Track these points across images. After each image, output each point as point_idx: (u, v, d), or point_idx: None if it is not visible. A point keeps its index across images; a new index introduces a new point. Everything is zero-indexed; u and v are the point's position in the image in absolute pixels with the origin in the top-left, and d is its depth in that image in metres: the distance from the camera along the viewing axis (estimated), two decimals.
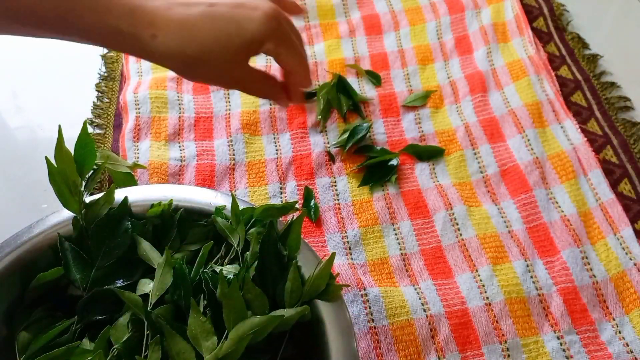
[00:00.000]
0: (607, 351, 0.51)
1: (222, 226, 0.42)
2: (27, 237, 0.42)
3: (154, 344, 0.36)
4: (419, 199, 0.61)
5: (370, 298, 0.52)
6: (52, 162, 0.39)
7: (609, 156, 0.64)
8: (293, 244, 0.41)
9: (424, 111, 0.70)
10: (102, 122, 0.69)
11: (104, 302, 0.40)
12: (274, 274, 0.39)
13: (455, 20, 0.78)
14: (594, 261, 0.56)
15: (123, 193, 0.44)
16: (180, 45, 0.41)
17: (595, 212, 0.60)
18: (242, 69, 0.45)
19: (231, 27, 0.42)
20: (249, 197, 0.62)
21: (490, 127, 0.67)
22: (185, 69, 0.43)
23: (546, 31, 0.77)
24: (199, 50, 0.41)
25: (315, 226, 0.59)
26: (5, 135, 0.70)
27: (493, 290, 0.54)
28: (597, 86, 0.71)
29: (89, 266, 0.40)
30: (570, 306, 0.53)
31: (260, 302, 0.37)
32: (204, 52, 0.42)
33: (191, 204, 0.45)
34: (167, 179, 0.62)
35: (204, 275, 0.38)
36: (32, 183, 0.64)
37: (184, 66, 0.43)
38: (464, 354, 0.50)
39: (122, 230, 0.41)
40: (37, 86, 0.74)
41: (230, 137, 0.66)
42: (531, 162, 0.63)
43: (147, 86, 0.70)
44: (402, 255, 0.57)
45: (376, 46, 0.77)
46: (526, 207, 0.60)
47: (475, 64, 0.73)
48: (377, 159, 0.64)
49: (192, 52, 0.41)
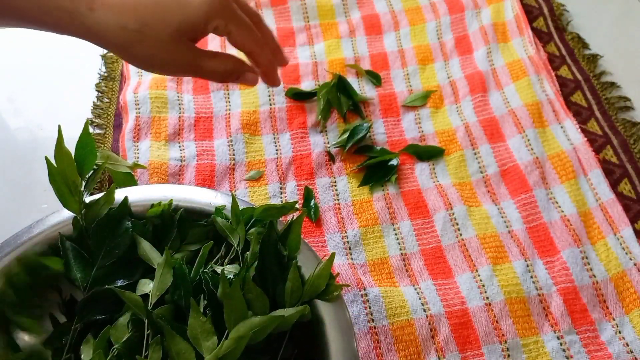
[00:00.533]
0: (607, 351, 0.51)
1: (222, 226, 0.42)
2: (27, 237, 0.42)
3: (154, 344, 0.36)
4: (419, 199, 0.61)
5: (370, 298, 0.52)
6: (52, 162, 0.39)
7: (609, 156, 0.64)
8: (293, 244, 0.41)
9: (424, 111, 0.70)
10: (102, 122, 0.69)
11: (104, 302, 0.40)
12: (274, 274, 0.39)
13: (455, 20, 0.78)
14: (594, 261, 0.56)
15: (123, 193, 0.44)
16: (119, 21, 0.40)
17: (595, 212, 0.60)
18: (187, 50, 0.42)
19: (173, 3, 0.41)
20: (249, 197, 0.62)
21: (490, 127, 0.67)
22: (125, 46, 0.41)
23: (546, 31, 0.77)
24: (139, 25, 0.40)
25: (315, 226, 0.59)
26: (5, 136, 0.70)
27: (493, 290, 0.54)
28: (597, 86, 0.71)
29: (89, 266, 0.41)
30: (570, 306, 0.53)
31: (261, 302, 0.37)
32: (143, 27, 0.40)
33: (191, 204, 0.45)
34: (167, 179, 0.62)
35: (204, 276, 0.38)
36: (32, 183, 0.64)
37: (124, 43, 0.40)
38: (464, 354, 0.50)
39: (122, 230, 0.41)
40: (37, 86, 0.74)
41: (230, 137, 0.66)
42: (531, 162, 0.63)
43: (147, 86, 0.70)
44: (402, 255, 0.57)
45: (376, 46, 0.77)
46: (526, 207, 0.60)
47: (475, 64, 0.73)
48: (377, 159, 0.64)
49: (132, 27, 0.40)
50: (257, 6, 0.80)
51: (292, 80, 0.72)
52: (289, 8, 0.80)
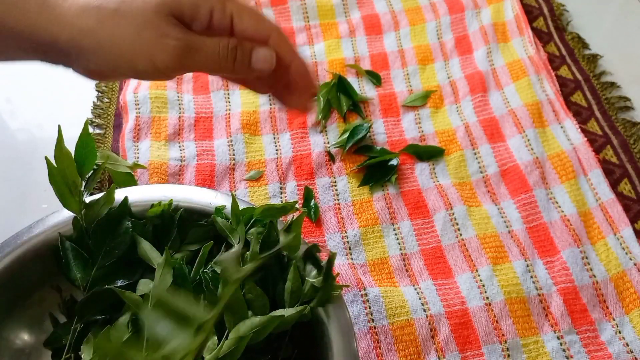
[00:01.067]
0: (607, 351, 0.51)
1: (222, 226, 0.42)
2: (27, 237, 0.42)
3: None
4: (419, 199, 0.61)
5: (370, 298, 0.52)
6: (52, 162, 0.39)
7: (609, 156, 0.64)
8: (293, 244, 0.41)
9: (424, 111, 0.70)
10: (102, 122, 0.69)
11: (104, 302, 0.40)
12: (274, 274, 0.39)
13: (455, 20, 0.78)
14: (594, 261, 0.56)
15: (123, 193, 0.44)
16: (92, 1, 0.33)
17: (595, 212, 0.60)
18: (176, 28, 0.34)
19: None
20: (249, 197, 0.62)
21: (490, 127, 0.67)
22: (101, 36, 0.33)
23: (546, 31, 0.77)
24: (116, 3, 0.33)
25: (315, 226, 0.59)
26: (6, 136, 0.70)
27: (493, 290, 0.54)
28: (597, 86, 0.71)
29: (89, 266, 0.40)
30: (570, 306, 0.53)
31: (262, 302, 0.37)
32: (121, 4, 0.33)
33: (191, 204, 0.45)
34: (167, 179, 0.62)
35: (204, 276, 0.38)
36: (32, 183, 0.64)
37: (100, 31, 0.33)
38: (464, 354, 0.51)
39: (122, 230, 0.41)
40: (37, 86, 0.74)
41: (230, 137, 0.66)
42: (531, 162, 0.63)
43: (147, 86, 0.70)
44: (402, 255, 0.57)
45: (376, 46, 0.77)
46: (526, 207, 0.60)
47: (475, 64, 0.73)
48: (377, 159, 0.64)
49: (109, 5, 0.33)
50: (257, 6, 0.80)
51: None
52: (289, 8, 0.80)
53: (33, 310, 0.42)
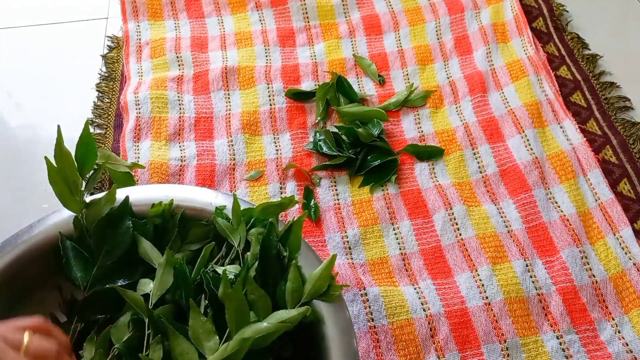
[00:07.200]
0: (606, 351, 0.51)
1: (223, 226, 0.42)
2: (28, 237, 0.42)
3: (155, 344, 0.36)
4: (418, 198, 0.61)
5: (370, 297, 0.52)
6: (52, 162, 0.40)
7: (609, 156, 0.65)
8: (293, 245, 0.41)
9: (424, 111, 0.70)
10: (102, 122, 0.69)
11: (105, 302, 0.40)
12: (274, 274, 0.39)
13: (455, 20, 0.78)
14: (593, 261, 0.56)
15: (124, 193, 0.44)
16: None
17: (594, 212, 0.60)
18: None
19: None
20: (249, 197, 0.62)
21: (489, 127, 0.67)
22: None
23: (546, 31, 0.77)
24: None
25: (315, 226, 0.59)
26: (6, 136, 0.70)
27: (492, 290, 0.54)
28: (596, 86, 0.71)
29: (90, 265, 0.41)
30: (569, 306, 0.53)
31: (264, 303, 0.37)
32: None
33: (192, 203, 0.45)
34: (168, 179, 0.62)
35: (205, 276, 0.38)
36: (33, 183, 0.64)
37: None
38: (463, 353, 0.51)
39: (123, 230, 0.42)
40: (37, 86, 0.74)
41: (230, 138, 0.66)
42: (530, 162, 0.63)
43: (148, 86, 0.70)
44: (402, 255, 0.57)
45: (376, 46, 0.77)
46: (525, 207, 0.60)
47: (475, 64, 0.74)
48: (377, 159, 0.64)
49: None
50: (257, 7, 0.80)
51: (292, 80, 0.72)
52: (289, 8, 0.80)
53: (34, 309, 0.42)
